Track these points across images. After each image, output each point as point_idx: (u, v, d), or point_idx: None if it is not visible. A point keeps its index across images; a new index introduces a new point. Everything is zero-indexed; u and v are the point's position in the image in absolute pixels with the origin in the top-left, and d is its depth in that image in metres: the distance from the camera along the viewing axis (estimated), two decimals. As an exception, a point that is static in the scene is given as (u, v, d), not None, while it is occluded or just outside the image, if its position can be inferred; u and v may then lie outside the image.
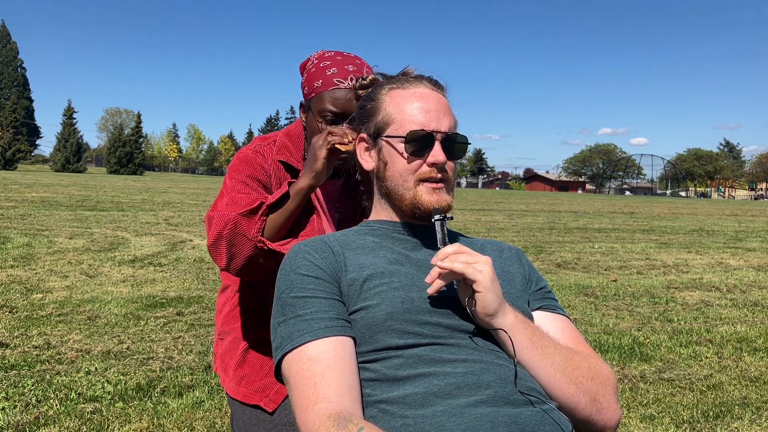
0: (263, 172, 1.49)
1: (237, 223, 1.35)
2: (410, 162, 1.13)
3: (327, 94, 1.46)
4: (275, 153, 1.53)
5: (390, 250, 1.14)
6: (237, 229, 1.35)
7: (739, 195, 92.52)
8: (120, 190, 25.06)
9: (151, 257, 7.65)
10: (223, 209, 1.41)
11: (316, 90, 1.47)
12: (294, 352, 0.99)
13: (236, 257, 1.37)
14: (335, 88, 1.45)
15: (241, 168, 1.49)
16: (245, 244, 1.35)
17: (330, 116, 1.46)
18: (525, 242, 11.27)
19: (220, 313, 1.66)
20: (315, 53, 1.57)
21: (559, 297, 6.16)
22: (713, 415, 3.23)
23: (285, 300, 1.05)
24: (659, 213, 25.46)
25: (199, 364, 3.69)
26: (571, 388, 1.01)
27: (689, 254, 10.37)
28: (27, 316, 4.61)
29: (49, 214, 12.68)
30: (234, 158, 1.55)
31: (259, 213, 1.37)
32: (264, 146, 1.54)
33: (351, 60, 1.51)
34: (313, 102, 1.48)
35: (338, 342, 0.99)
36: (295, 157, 1.55)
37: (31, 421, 2.83)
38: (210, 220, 1.42)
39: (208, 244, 1.40)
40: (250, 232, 1.35)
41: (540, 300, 1.18)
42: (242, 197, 1.43)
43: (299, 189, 1.39)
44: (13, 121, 65.88)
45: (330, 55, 1.52)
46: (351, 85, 1.44)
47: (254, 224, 1.36)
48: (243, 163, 1.50)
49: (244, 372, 1.54)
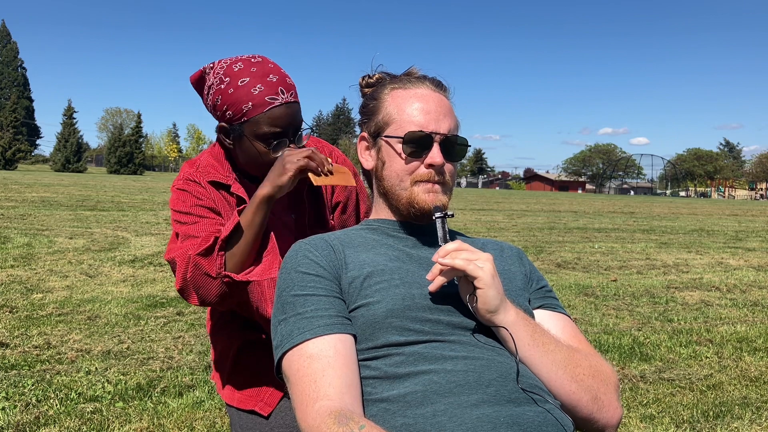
0: (203, 196, 1.42)
1: (197, 264, 1.30)
2: (408, 163, 1.13)
3: (263, 116, 1.36)
4: (204, 174, 1.46)
5: (390, 247, 1.14)
6: (199, 270, 1.31)
7: (739, 195, 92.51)
8: (120, 189, 25.06)
9: (152, 257, 7.65)
10: (180, 248, 1.35)
11: (248, 114, 1.36)
12: (294, 350, 0.99)
13: (207, 296, 1.33)
14: (270, 108, 1.36)
15: (179, 201, 1.42)
16: (211, 283, 1.31)
17: (273, 139, 1.38)
18: (525, 242, 11.27)
19: (209, 321, 1.65)
20: (212, 66, 1.45)
21: (559, 297, 6.15)
22: (713, 415, 3.23)
23: (285, 298, 1.05)
24: (659, 213, 25.46)
25: (199, 364, 3.69)
26: (573, 386, 1.01)
27: (689, 254, 10.37)
28: (27, 316, 4.61)
29: (49, 214, 12.68)
30: (172, 192, 1.47)
31: (216, 249, 1.31)
32: (193, 172, 1.47)
33: (267, 68, 1.40)
34: (247, 127, 1.38)
35: (339, 339, 0.99)
36: (222, 174, 1.47)
37: (31, 421, 2.83)
38: (172, 262, 1.37)
39: (177, 289, 1.36)
40: (212, 270, 1.30)
41: (541, 299, 1.18)
42: (193, 228, 1.37)
43: (261, 199, 1.32)
44: (13, 121, 65.82)
45: (240, 68, 1.39)
46: (285, 99, 1.37)
47: (214, 261, 1.30)
48: (181, 196, 1.43)
49: (237, 378, 1.53)
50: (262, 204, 1.33)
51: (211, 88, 1.42)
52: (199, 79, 1.48)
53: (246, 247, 1.33)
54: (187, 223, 1.39)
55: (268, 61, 1.43)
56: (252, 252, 1.35)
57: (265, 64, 1.41)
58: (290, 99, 1.39)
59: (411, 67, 1.24)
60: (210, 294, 1.33)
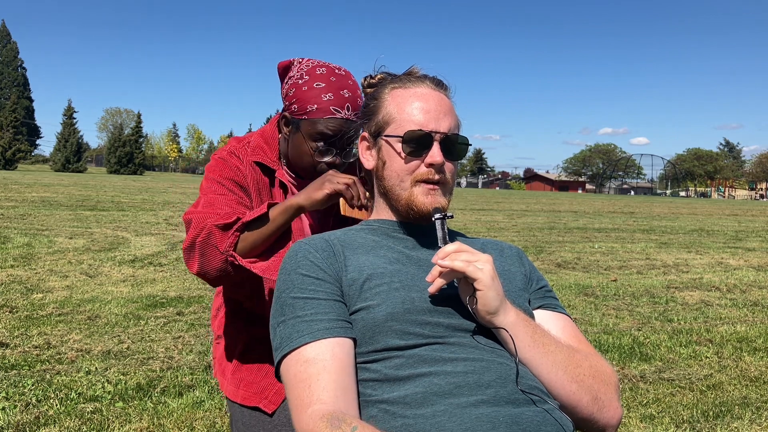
0: (239, 173, 1.49)
1: (211, 233, 1.35)
2: (408, 162, 1.13)
3: (321, 120, 1.44)
4: (250, 154, 1.52)
5: (390, 249, 1.14)
6: (210, 240, 1.35)
7: (739, 195, 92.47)
8: (120, 189, 25.05)
9: (151, 257, 7.65)
10: (200, 211, 1.40)
11: (310, 114, 1.45)
12: (292, 354, 0.98)
13: (207, 267, 1.37)
14: (330, 117, 1.44)
15: (216, 169, 1.49)
16: (216, 256, 1.36)
17: (321, 140, 1.46)
18: (525, 242, 11.27)
19: (215, 316, 1.66)
20: (301, 60, 1.54)
21: (559, 297, 6.16)
22: (713, 415, 3.23)
23: (285, 300, 1.05)
24: (659, 213, 25.45)
25: (199, 364, 3.69)
26: (573, 386, 1.01)
27: (689, 254, 10.37)
28: (27, 316, 4.61)
29: (49, 213, 12.68)
30: (210, 159, 1.54)
31: (233, 228, 1.35)
32: (239, 148, 1.54)
33: (345, 83, 1.48)
34: (304, 124, 1.46)
35: (336, 343, 0.98)
36: (270, 157, 1.54)
37: (31, 421, 2.83)
38: (188, 223, 1.42)
39: (183, 248, 1.41)
40: (222, 245, 1.35)
41: (541, 299, 1.18)
42: (219, 198, 1.42)
43: (291, 204, 1.37)
44: (13, 121, 65.72)
45: (322, 73, 1.48)
46: (347, 115, 1.44)
47: (227, 238, 1.35)
48: (219, 165, 1.50)
49: (241, 374, 1.54)
50: (290, 209, 1.38)
51: (290, 79, 1.51)
52: (286, 68, 1.56)
53: (260, 238, 1.37)
54: (215, 192, 1.44)
55: (350, 76, 1.51)
56: (263, 245, 1.38)
57: (346, 78, 1.49)
58: (351, 117, 1.45)
59: (412, 67, 1.23)
60: (210, 265, 1.37)
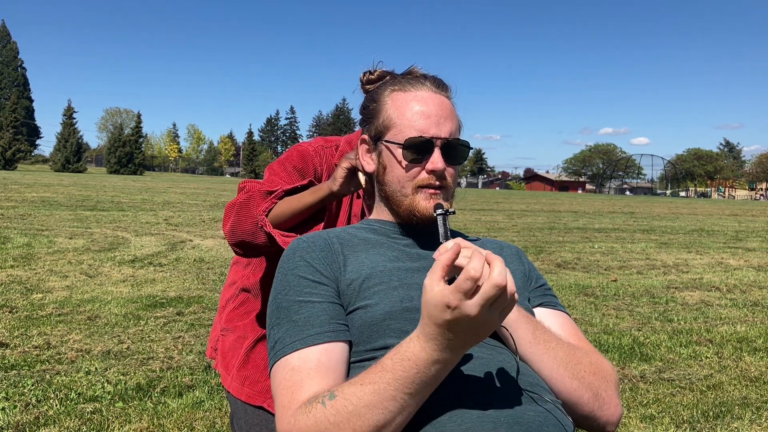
0: (312, 171, 1.51)
1: (252, 196, 1.41)
2: (408, 169, 1.12)
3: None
4: (337, 158, 1.53)
5: (390, 248, 1.14)
6: (249, 202, 1.41)
7: (739, 195, 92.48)
8: (120, 190, 25.05)
9: (151, 257, 7.66)
10: (257, 183, 1.47)
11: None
12: (281, 361, 0.98)
13: (237, 227, 1.42)
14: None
15: (294, 158, 1.52)
16: (248, 219, 1.41)
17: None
18: (525, 242, 11.27)
19: (224, 308, 1.66)
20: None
21: (560, 297, 6.16)
22: (713, 415, 3.23)
23: (280, 302, 1.04)
24: (659, 213, 25.46)
25: (199, 364, 3.69)
26: (574, 383, 1.01)
27: (689, 254, 10.37)
28: (27, 316, 4.61)
29: (49, 214, 12.68)
30: (293, 147, 1.58)
31: (273, 195, 1.40)
32: (326, 148, 1.55)
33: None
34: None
35: (324, 350, 0.98)
36: None
37: (31, 421, 2.83)
38: (241, 189, 1.48)
39: (226, 207, 1.47)
40: (258, 209, 1.40)
41: (540, 297, 1.18)
42: (276, 176, 1.47)
43: (321, 186, 1.39)
44: (13, 121, 65.76)
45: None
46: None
47: (264, 203, 1.40)
48: (298, 155, 1.53)
49: (247, 372, 1.54)
50: (320, 190, 1.38)
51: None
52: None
53: (289, 211, 1.40)
54: (278, 174, 1.50)
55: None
56: (292, 220, 1.41)
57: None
58: None
59: (411, 66, 1.22)
60: (241, 227, 1.42)
